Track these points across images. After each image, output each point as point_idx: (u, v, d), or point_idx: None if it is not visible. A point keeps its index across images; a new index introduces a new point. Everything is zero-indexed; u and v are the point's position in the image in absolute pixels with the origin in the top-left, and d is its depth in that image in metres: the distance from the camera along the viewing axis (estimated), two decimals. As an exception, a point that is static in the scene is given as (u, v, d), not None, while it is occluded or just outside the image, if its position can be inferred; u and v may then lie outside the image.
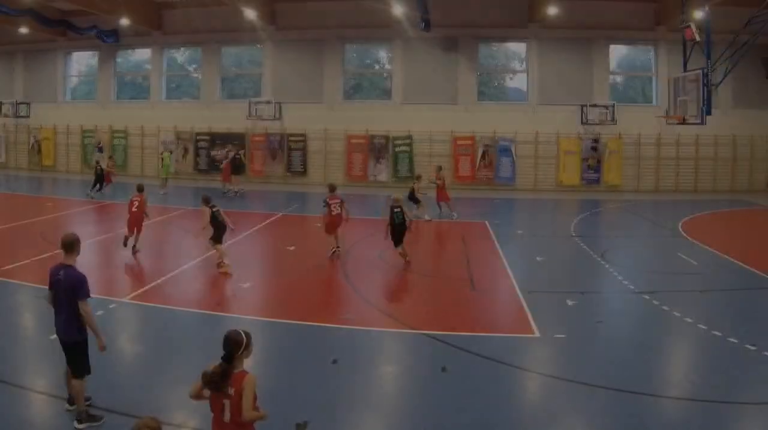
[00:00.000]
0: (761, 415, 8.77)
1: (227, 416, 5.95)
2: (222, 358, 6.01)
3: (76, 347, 8.20)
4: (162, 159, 34.54)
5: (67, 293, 8.05)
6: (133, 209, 18.42)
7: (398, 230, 17.51)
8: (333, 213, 18.29)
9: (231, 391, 5.92)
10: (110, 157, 32.56)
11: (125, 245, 18.49)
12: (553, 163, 36.26)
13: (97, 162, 32.84)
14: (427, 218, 25.34)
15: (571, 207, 30.84)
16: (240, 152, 33.79)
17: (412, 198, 25.42)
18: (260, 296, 15.10)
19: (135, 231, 18.40)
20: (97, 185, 30.56)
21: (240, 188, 32.68)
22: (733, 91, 34.91)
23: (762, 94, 35.48)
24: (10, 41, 41.99)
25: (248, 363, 6.27)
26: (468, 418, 8.52)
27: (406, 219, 17.56)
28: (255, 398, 5.98)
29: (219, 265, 16.66)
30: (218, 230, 16.67)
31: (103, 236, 21.21)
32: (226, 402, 5.93)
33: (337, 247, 18.56)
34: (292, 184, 37.17)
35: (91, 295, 8.35)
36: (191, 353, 10.82)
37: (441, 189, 26.41)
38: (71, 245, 8.28)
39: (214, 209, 16.77)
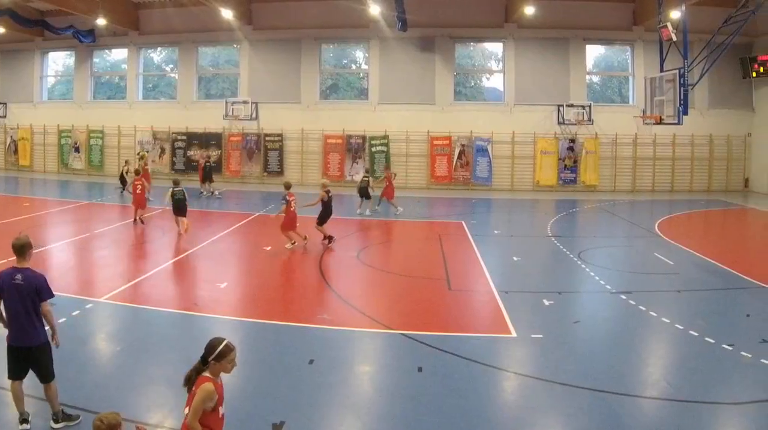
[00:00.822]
0: (738, 415, 8.70)
1: (184, 414, 5.83)
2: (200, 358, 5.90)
3: (45, 349, 7.98)
4: (140, 159, 34.40)
5: (31, 295, 7.78)
6: (137, 191, 23.08)
7: (330, 213, 20.18)
8: (292, 209, 19.08)
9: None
10: (142, 158, 32.46)
11: (135, 222, 22.90)
12: (530, 163, 36.33)
13: (126, 162, 32.82)
14: (368, 212, 26.35)
15: (547, 207, 30.83)
16: (210, 161, 33.51)
17: (365, 193, 26.24)
18: (237, 295, 14.93)
19: (140, 208, 23.07)
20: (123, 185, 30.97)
21: (217, 190, 32.50)
22: (709, 91, 35.22)
23: (739, 94, 35.80)
24: (-13, 41, 41.61)
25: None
26: (444, 418, 8.41)
27: None
28: (214, 409, 5.79)
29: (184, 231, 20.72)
30: (177, 208, 20.83)
31: (80, 235, 21.05)
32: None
33: (294, 240, 19.38)
34: (269, 184, 37.02)
35: (68, 295, 8.19)
36: (168, 353, 10.72)
37: (389, 187, 27.22)
38: (23, 248, 7.91)
39: (175, 189, 20.88)
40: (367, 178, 26.88)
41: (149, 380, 9.58)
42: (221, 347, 5.86)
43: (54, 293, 8.13)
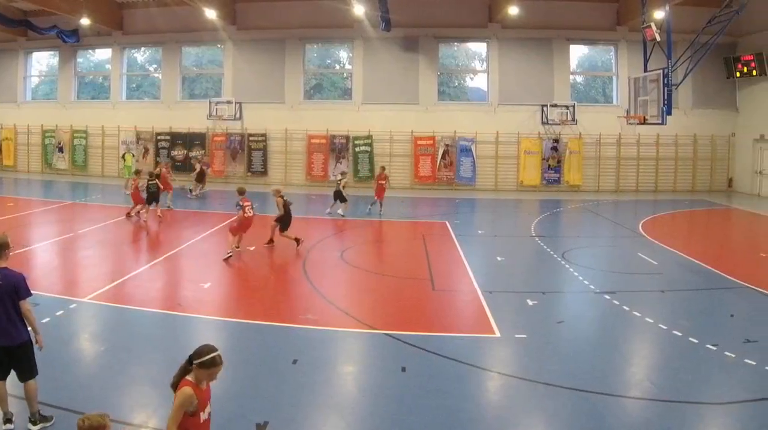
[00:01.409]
0: (722, 415, 8.73)
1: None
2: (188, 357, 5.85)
3: (26, 348, 7.93)
4: (124, 160, 34.38)
5: (10, 294, 7.74)
6: (132, 191, 24.46)
7: (290, 217, 19.61)
8: (247, 215, 18.78)
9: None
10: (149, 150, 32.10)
11: (127, 216, 24.06)
12: (514, 163, 36.37)
13: (158, 163, 32.66)
14: (340, 212, 25.87)
15: (531, 207, 30.85)
16: (205, 165, 33.51)
17: (339, 196, 25.89)
18: (220, 295, 14.87)
19: (139, 205, 24.11)
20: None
21: (202, 189, 32.43)
22: (693, 91, 35.40)
23: (722, 94, 35.97)
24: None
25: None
26: (428, 418, 8.42)
27: None
28: (195, 413, 5.70)
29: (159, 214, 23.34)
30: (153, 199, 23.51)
31: (64, 235, 20.95)
32: None
33: (238, 246, 18.95)
34: (253, 184, 36.73)
35: (52, 295, 8.09)
36: (151, 353, 10.69)
37: (382, 187, 26.96)
38: (0, 248, 7.89)
39: (150, 182, 23.48)
40: (339, 181, 26.47)
41: (133, 380, 9.55)
42: (209, 356, 5.79)
43: (36, 292, 8.07)
